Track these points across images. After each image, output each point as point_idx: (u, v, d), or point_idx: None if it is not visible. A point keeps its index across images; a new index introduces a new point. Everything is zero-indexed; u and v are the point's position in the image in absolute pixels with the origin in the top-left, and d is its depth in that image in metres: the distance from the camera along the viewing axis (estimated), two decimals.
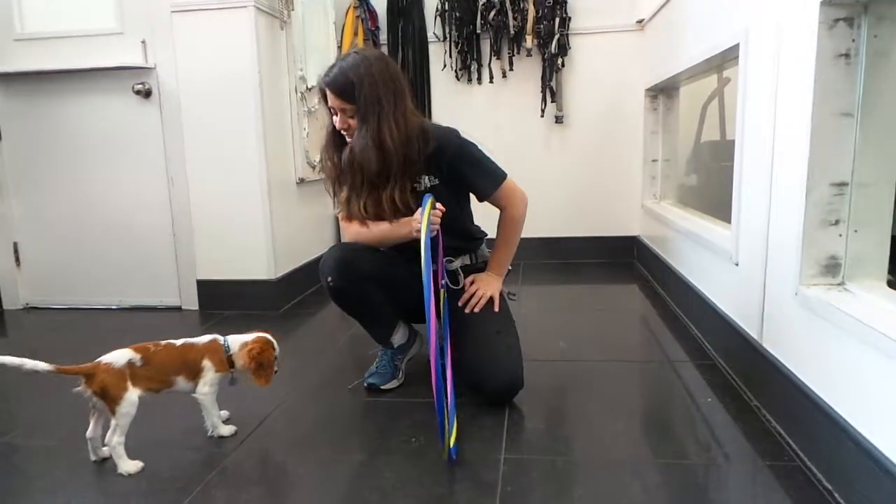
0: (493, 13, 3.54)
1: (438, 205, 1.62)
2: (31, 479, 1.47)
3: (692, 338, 2.30)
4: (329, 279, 1.78)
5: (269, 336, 1.64)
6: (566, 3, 3.51)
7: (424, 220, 1.47)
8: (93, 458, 1.51)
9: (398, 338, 1.96)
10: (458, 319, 1.84)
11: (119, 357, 1.48)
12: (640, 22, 3.49)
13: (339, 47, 3.56)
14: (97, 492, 1.40)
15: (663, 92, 3.41)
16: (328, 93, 1.73)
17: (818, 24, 1.35)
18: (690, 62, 2.51)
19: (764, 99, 1.70)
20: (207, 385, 1.57)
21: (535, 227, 2.09)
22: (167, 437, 1.64)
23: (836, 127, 1.37)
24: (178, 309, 2.95)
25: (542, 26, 3.52)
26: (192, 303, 2.94)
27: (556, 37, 3.51)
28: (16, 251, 3.03)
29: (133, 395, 1.45)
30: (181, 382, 1.56)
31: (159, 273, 2.95)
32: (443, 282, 1.83)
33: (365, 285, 1.80)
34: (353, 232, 1.86)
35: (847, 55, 1.34)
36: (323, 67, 1.86)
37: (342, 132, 1.77)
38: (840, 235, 1.41)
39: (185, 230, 2.88)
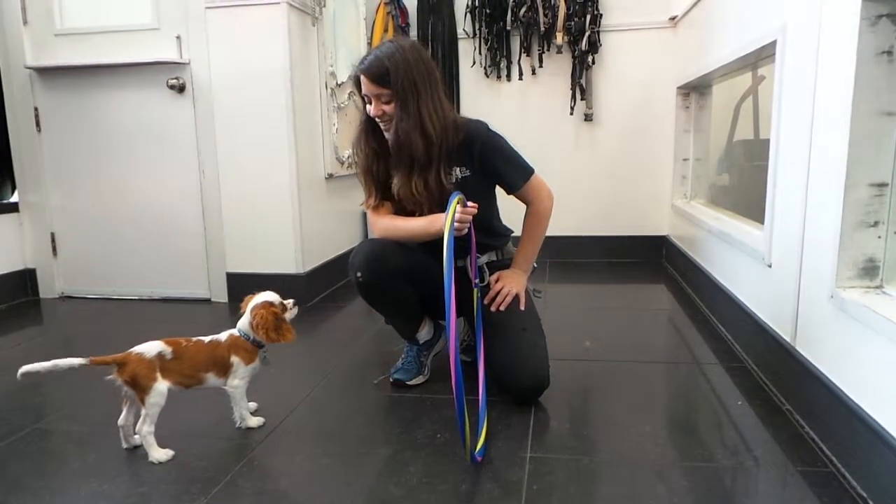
0: (523, 10, 3.52)
1: (470, 203, 1.61)
2: (64, 463, 1.51)
3: (721, 339, 2.26)
4: (358, 274, 1.79)
5: (262, 296, 1.65)
6: None
7: (448, 220, 1.46)
8: (124, 445, 1.54)
9: (424, 334, 1.96)
10: (484, 318, 1.83)
11: (150, 349, 1.51)
12: (672, 19, 3.45)
13: (370, 43, 3.58)
14: (128, 477, 1.43)
15: (696, 90, 3.36)
16: (363, 80, 1.72)
17: (860, 20, 1.31)
18: (725, 60, 2.47)
19: (801, 97, 1.66)
20: (238, 378, 1.59)
21: (562, 225, 2.07)
22: (197, 427, 1.66)
23: (877, 126, 1.33)
24: (208, 301, 2.99)
25: (572, 23, 3.49)
26: (221, 295, 2.98)
27: (587, 34, 3.48)
28: (53, 241, 3.10)
29: (162, 386, 1.48)
30: (212, 379, 1.58)
31: (190, 265, 3.00)
32: (476, 281, 1.82)
33: (394, 281, 1.80)
34: (382, 227, 1.86)
35: (890, 52, 1.31)
36: (354, 62, 1.87)
37: (376, 119, 1.76)
38: (879, 237, 1.38)
39: (216, 223, 2.92)
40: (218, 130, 2.84)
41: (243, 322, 1.62)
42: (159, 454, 1.48)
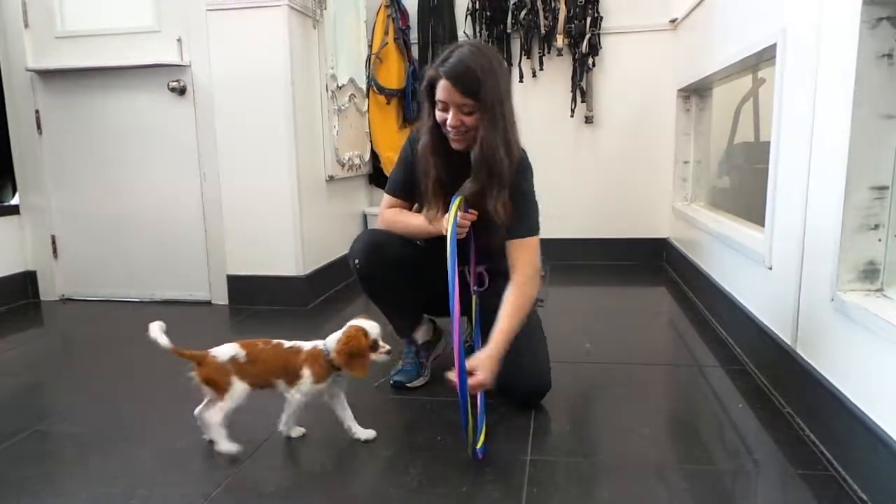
0: (523, 12, 3.52)
1: (470, 210, 1.61)
2: (64, 465, 1.51)
3: (722, 342, 2.26)
4: (356, 261, 1.79)
5: (360, 322, 1.55)
6: (598, 2, 3.48)
7: (450, 222, 1.46)
8: (205, 436, 1.54)
9: (421, 334, 1.96)
10: (486, 322, 1.83)
11: (224, 352, 1.49)
12: (673, 21, 3.45)
13: (370, 46, 3.58)
14: (128, 480, 1.42)
15: (696, 92, 3.36)
16: (449, 87, 1.56)
17: (860, 22, 1.31)
18: (725, 62, 2.47)
19: (802, 100, 1.66)
20: (300, 393, 1.53)
21: (563, 227, 2.07)
22: (198, 427, 1.66)
23: (878, 129, 1.33)
24: (208, 303, 2.99)
25: (573, 26, 3.49)
26: (221, 297, 2.98)
27: (588, 36, 3.48)
28: (53, 244, 3.10)
29: (240, 386, 1.47)
30: (281, 385, 1.54)
31: (190, 267, 3.00)
32: (474, 288, 1.82)
33: (392, 271, 1.80)
34: (387, 218, 1.86)
35: (890, 55, 1.31)
36: (355, 63, 1.84)
37: (450, 129, 1.62)
38: (879, 240, 1.38)
39: (216, 226, 2.93)
40: (218, 133, 2.84)
41: (332, 338, 1.55)
42: (227, 446, 1.47)
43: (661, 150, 3.59)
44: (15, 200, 3.16)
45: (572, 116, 3.65)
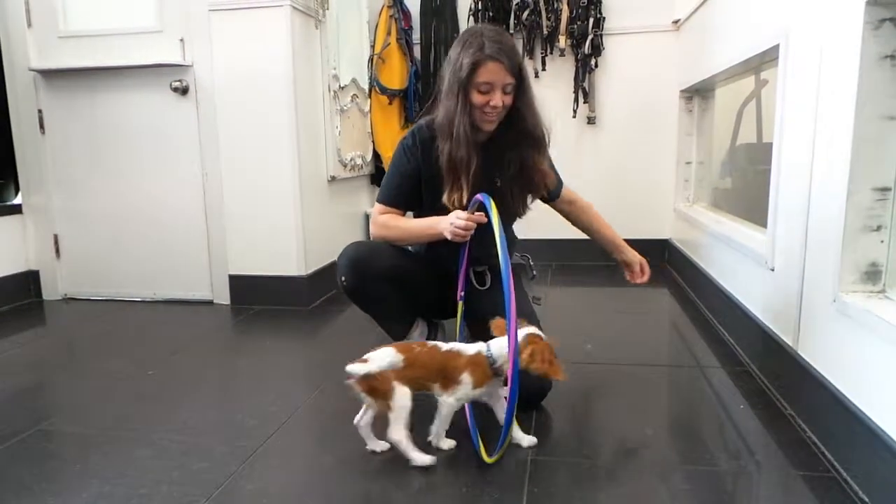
0: (526, 13, 3.52)
1: (476, 217, 1.60)
2: (66, 464, 1.51)
3: (724, 343, 2.26)
4: (342, 278, 1.79)
5: (530, 328, 1.52)
6: (601, 2, 3.48)
7: (495, 220, 1.43)
8: (367, 447, 1.51)
9: (416, 335, 1.95)
10: (484, 322, 1.82)
11: (382, 358, 1.44)
12: (675, 22, 3.45)
13: (372, 46, 3.58)
14: (130, 479, 1.43)
15: (698, 93, 3.36)
16: (498, 68, 1.62)
17: (863, 24, 1.31)
18: (728, 63, 2.47)
19: (804, 101, 1.66)
20: (454, 398, 1.49)
21: (564, 227, 2.07)
22: (198, 428, 1.67)
23: (880, 130, 1.33)
24: (210, 303, 2.99)
25: (575, 26, 3.49)
26: (223, 297, 2.98)
27: (590, 37, 3.48)
28: (56, 243, 3.11)
29: (403, 389, 1.42)
30: (437, 389, 1.49)
31: (192, 267, 3.01)
32: (461, 294, 1.82)
33: (378, 283, 1.80)
34: (381, 222, 1.84)
35: (893, 56, 1.31)
36: (358, 63, 1.85)
37: (484, 112, 1.67)
38: (882, 242, 1.37)
39: (218, 225, 2.93)
40: (221, 132, 2.84)
41: (498, 344, 1.50)
42: (422, 458, 1.42)
43: (663, 151, 3.59)
44: (18, 200, 3.17)
45: (574, 117, 3.65)
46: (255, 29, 2.74)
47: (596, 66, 3.56)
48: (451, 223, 1.62)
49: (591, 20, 3.47)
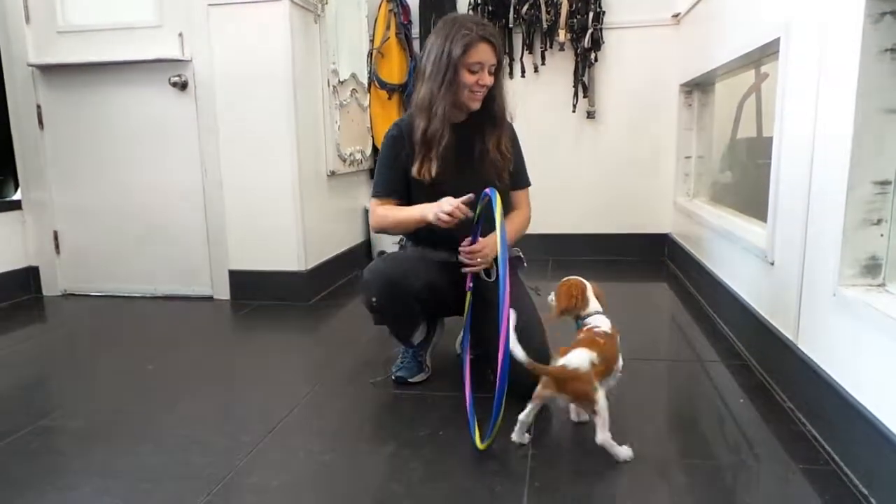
0: (525, 7, 3.51)
1: (463, 207, 1.62)
2: (69, 459, 1.51)
3: (724, 337, 2.26)
4: (373, 299, 1.79)
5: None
6: None
7: (497, 216, 1.45)
8: (514, 438, 1.49)
9: (417, 335, 1.95)
10: (484, 314, 1.83)
11: (583, 362, 1.42)
12: (675, 16, 3.44)
13: (371, 41, 3.57)
14: (131, 474, 1.43)
15: (698, 87, 3.35)
16: (488, 49, 1.73)
17: (864, 17, 1.31)
18: (728, 57, 2.46)
19: (805, 94, 1.66)
20: (614, 379, 1.50)
21: (564, 222, 2.08)
22: (199, 423, 1.67)
23: (881, 124, 1.33)
24: (210, 298, 2.99)
25: (575, 20, 3.48)
26: (223, 293, 2.98)
27: (590, 31, 3.47)
28: (55, 239, 3.11)
29: (601, 391, 1.41)
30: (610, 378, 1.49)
31: (192, 262, 3.00)
32: (469, 285, 1.82)
33: (410, 303, 1.82)
34: (380, 214, 1.86)
35: (894, 49, 1.30)
36: (357, 58, 1.86)
37: (478, 89, 1.75)
38: (881, 235, 1.37)
39: (218, 221, 2.93)
40: (220, 127, 2.84)
41: (604, 320, 1.58)
42: (626, 453, 1.42)
43: (663, 146, 3.58)
44: (17, 196, 3.17)
45: (574, 111, 3.64)
46: (255, 24, 2.73)
47: (596, 60, 3.55)
48: (439, 208, 1.65)
49: (591, 14, 3.46)
